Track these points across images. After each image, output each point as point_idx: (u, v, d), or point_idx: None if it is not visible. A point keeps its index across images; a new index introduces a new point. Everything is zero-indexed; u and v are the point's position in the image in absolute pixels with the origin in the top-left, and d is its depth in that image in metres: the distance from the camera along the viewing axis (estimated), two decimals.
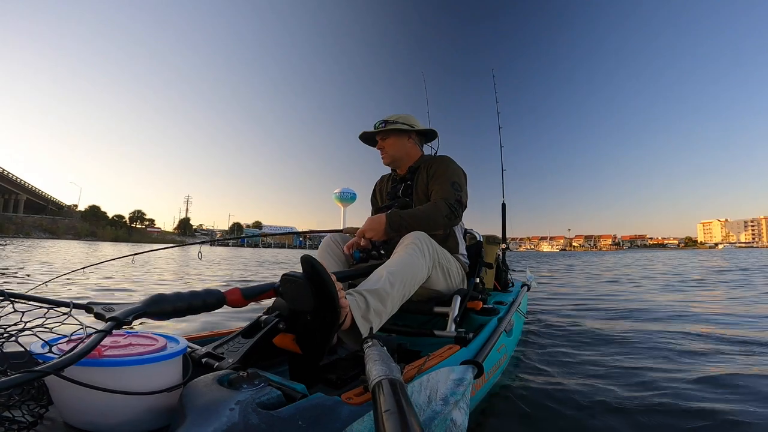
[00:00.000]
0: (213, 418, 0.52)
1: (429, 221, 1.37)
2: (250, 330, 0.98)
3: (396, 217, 1.35)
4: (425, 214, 1.38)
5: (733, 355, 1.87)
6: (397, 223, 1.34)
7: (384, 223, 1.34)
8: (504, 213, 3.66)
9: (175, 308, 0.74)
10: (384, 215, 1.36)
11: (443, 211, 1.39)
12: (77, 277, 5.10)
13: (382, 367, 0.56)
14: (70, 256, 11.82)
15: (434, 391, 0.72)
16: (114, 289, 4.21)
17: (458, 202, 1.43)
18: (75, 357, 0.50)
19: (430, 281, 1.32)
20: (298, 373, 0.96)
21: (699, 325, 2.58)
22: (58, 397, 0.62)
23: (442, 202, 1.41)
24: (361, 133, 1.67)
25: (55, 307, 0.66)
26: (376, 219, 1.37)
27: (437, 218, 1.38)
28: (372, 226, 1.35)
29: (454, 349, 1.07)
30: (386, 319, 1.08)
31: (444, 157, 1.62)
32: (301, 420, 0.57)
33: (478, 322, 1.47)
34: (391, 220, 1.34)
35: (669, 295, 4.28)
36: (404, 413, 0.42)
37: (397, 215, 1.36)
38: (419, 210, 1.40)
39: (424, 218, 1.37)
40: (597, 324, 2.66)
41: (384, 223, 1.34)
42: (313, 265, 0.85)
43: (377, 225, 1.35)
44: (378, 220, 1.36)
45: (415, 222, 1.36)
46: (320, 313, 0.87)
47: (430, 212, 1.38)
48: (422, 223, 1.36)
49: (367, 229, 1.35)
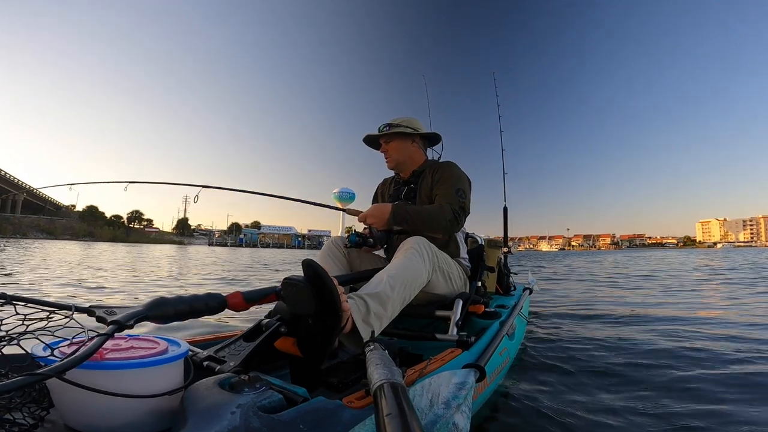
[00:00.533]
0: (214, 421, 0.52)
1: (432, 222, 1.37)
2: (251, 333, 0.98)
3: (401, 210, 1.35)
4: (429, 214, 1.38)
5: (738, 354, 1.86)
6: (401, 216, 1.34)
7: (388, 212, 1.34)
8: (506, 217, 3.66)
9: (176, 312, 0.75)
10: (390, 205, 1.36)
11: (447, 216, 1.38)
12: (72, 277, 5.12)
13: (383, 370, 0.56)
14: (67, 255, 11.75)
15: (436, 395, 0.72)
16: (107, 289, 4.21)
17: (462, 209, 1.43)
18: (77, 360, 0.50)
19: (431, 285, 1.31)
20: (300, 377, 0.96)
21: (701, 327, 2.56)
22: (60, 400, 0.62)
23: (447, 207, 1.40)
24: (365, 136, 1.66)
25: (57, 311, 0.66)
26: (380, 207, 1.36)
27: (441, 221, 1.38)
28: (376, 212, 1.35)
29: (456, 352, 1.06)
30: (387, 322, 1.07)
31: (450, 162, 1.61)
32: (303, 424, 0.57)
33: (480, 326, 1.46)
34: (396, 212, 1.34)
35: (670, 298, 4.26)
36: (406, 417, 0.42)
37: (402, 208, 1.36)
38: (425, 209, 1.39)
39: (427, 218, 1.37)
40: (599, 327, 2.65)
41: (388, 213, 1.34)
42: (314, 269, 0.85)
43: (381, 213, 1.34)
44: (383, 208, 1.35)
45: (419, 219, 1.35)
46: (322, 317, 0.87)
47: (434, 213, 1.38)
48: (425, 221, 1.36)
49: (370, 214, 1.35)
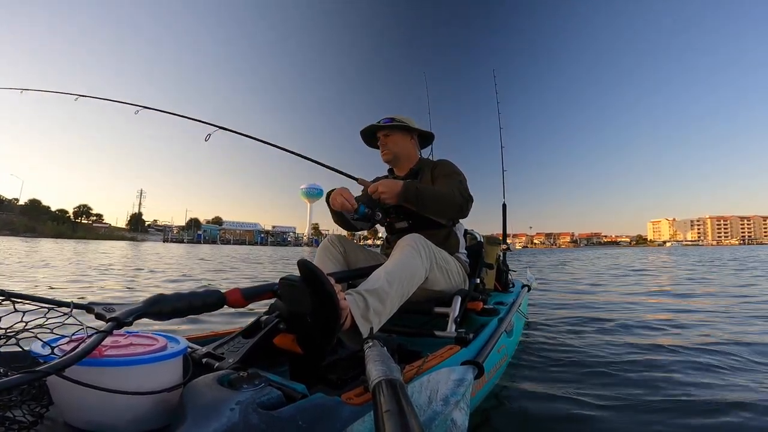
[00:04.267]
0: (213, 418, 0.52)
1: (443, 202, 1.36)
2: (250, 330, 0.98)
3: (412, 187, 1.33)
4: (442, 194, 1.37)
5: (736, 353, 1.87)
6: (413, 193, 1.33)
7: (400, 186, 1.33)
8: (504, 213, 3.64)
9: (175, 308, 0.75)
10: (401, 181, 1.35)
11: (457, 199, 1.38)
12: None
13: (382, 367, 0.56)
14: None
15: (435, 392, 0.72)
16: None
17: (469, 197, 1.43)
18: (76, 357, 0.50)
19: (430, 281, 1.30)
20: (299, 373, 0.96)
21: (700, 327, 2.58)
22: (59, 397, 0.62)
23: (456, 191, 1.40)
24: (366, 126, 1.65)
25: (55, 308, 0.66)
26: (392, 181, 1.35)
27: (451, 203, 1.37)
28: (388, 187, 1.33)
29: (455, 349, 1.07)
30: (386, 319, 1.07)
31: (447, 160, 1.63)
32: (302, 420, 0.57)
33: (479, 323, 1.47)
34: (408, 187, 1.33)
35: (660, 297, 4.27)
36: (405, 414, 0.42)
37: (413, 185, 1.34)
38: (436, 189, 1.38)
39: (440, 197, 1.36)
40: (598, 324, 2.66)
41: (399, 187, 1.33)
42: (310, 270, 0.85)
43: (393, 186, 1.33)
44: (394, 183, 1.34)
45: (430, 198, 1.34)
46: (320, 315, 0.87)
47: (446, 194, 1.37)
48: (437, 200, 1.35)
49: (383, 189, 1.33)
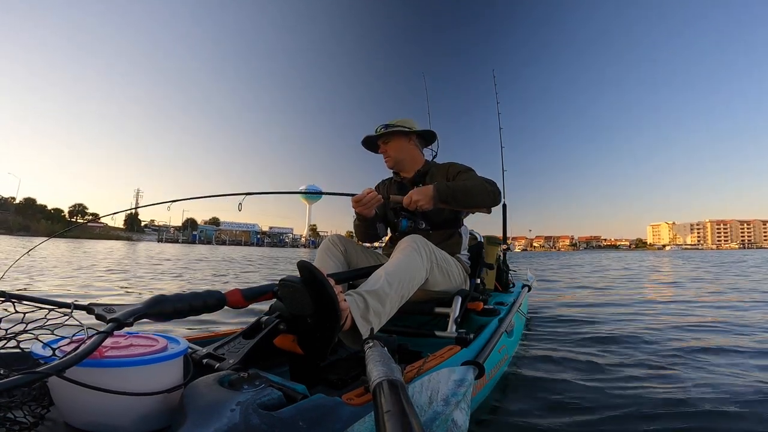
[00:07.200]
0: (214, 418, 0.52)
1: (478, 194, 1.36)
2: (250, 331, 0.98)
3: (444, 188, 1.33)
4: (474, 185, 1.36)
5: (736, 354, 1.87)
6: (446, 194, 1.33)
7: (432, 191, 1.32)
8: (504, 214, 3.66)
9: (175, 309, 0.75)
10: (430, 186, 1.35)
11: (489, 186, 1.37)
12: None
13: (382, 367, 0.56)
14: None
15: (435, 392, 0.72)
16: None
17: (494, 182, 1.42)
18: (77, 358, 0.50)
19: (430, 282, 1.30)
20: (299, 374, 0.96)
21: (702, 330, 2.58)
22: (60, 398, 0.62)
23: (480, 180, 1.39)
24: (364, 138, 1.65)
25: (56, 308, 0.66)
26: (422, 188, 1.35)
27: (484, 190, 1.36)
28: (421, 194, 1.33)
29: (455, 349, 1.07)
30: (386, 319, 1.07)
31: (453, 162, 1.63)
32: (302, 421, 0.57)
33: (479, 323, 1.47)
34: (440, 188, 1.33)
35: (666, 295, 4.27)
36: (405, 414, 0.42)
37: (444, 185, 1.34)
38: (465, 183, 1.38)
39: (472, 189, 1.35)
40: (599, 325, 2.66)
41: (432, 191, 1.32)
42: (310, 271, 0.84)
43: (426, 192, 1.33)
44: (425, 188, 1.34)
45: (464, 193, 1.34)
46: (320, 316, 0.87)
47: (477, 185, 1.36)
48: (471, 194, 1.35)
49: (417, 197, 1.33)
